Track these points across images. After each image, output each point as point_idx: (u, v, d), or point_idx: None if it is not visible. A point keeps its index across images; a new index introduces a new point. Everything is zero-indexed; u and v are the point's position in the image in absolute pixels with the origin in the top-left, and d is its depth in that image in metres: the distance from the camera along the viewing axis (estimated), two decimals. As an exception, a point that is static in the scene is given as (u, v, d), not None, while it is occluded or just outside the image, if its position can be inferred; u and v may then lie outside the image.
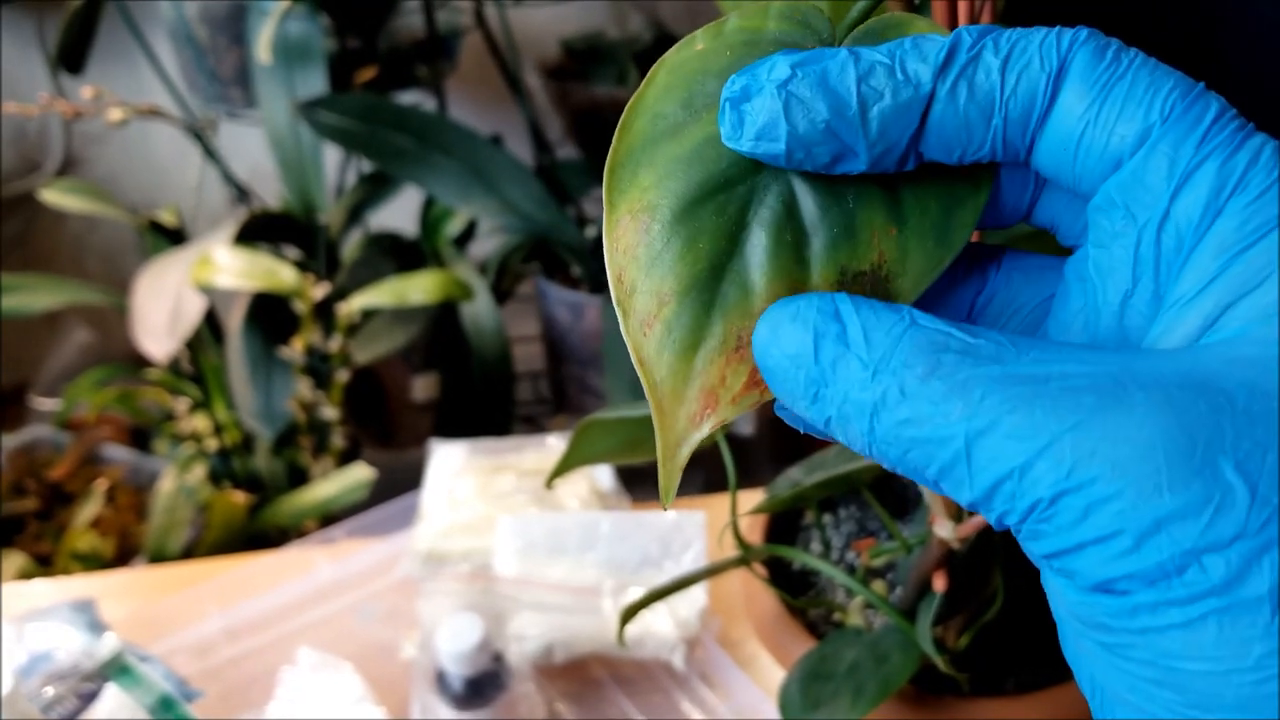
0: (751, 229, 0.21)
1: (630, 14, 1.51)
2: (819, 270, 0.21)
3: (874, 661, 0.42)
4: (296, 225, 1.15)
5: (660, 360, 0.21)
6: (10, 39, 1.46)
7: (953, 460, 0.18)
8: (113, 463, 1.21)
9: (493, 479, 0.74)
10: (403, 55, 1.29)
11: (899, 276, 0.21)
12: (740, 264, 0.21)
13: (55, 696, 0.59)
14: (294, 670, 0.62)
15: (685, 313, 0.21)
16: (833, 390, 0.19)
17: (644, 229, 0.21)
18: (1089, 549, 0.17)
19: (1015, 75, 0.20)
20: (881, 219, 0.21)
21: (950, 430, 0.18)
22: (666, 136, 0.22)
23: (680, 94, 0.22)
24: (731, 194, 0.21)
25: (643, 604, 0.46)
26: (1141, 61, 0.19)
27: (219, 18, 1.18)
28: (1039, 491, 0.17)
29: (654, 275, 0.21)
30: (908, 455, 0.19)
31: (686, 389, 0.21)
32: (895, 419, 0.19)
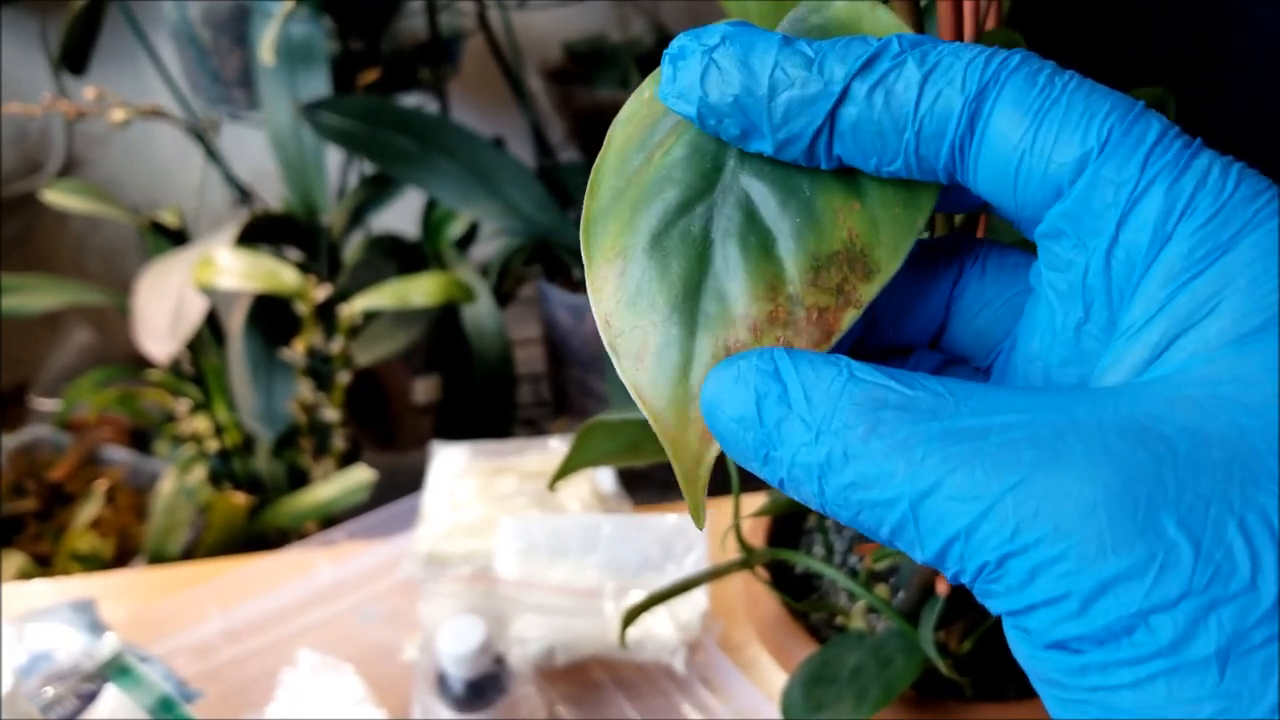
0: (717, 243, 0.22)
1: (632, 17, 1.52)
2: (792, 263, 0.21)
3: (877, 665, 0.42)
4: (298, 227, 1.16)
5: (657, 390, 0.21)
6: (13, 39, 1.46)
7: (901, 522, 0.18)
8: (113, 464, 1.20)
9: (494, 481, 0.74)
10: (405, 57, 1.29)
11: (875, 247, 0.21)
12: (714, 279, 0.22)
13: (55, 697, 0.59)
14: (294, 672, 0.61)
15: (670, 338, 0.21)
16: (781, 452, 0.19)
17: (620, 271, 0.22)
18: (1039, 610, 0.17)
19: (934, 92, 0.19)
20: (841, 197, 0.21)
21: (895, 492, 0.18)
22: (628, 185, 0.23)
23: (636, 145, 0.23)
24: (691, 215, 0.22)
25: (645, 606, 0.46)
26: (1077, 84, 0.19)
27: (222, 19, 1.18)
28: (985, 554, 0.17)
29: (636, 311, 0.22)
30: (859, 517, 0.19)
31: (689, 410, 0.21)
32: (841, 482, 0.18)
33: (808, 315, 0.21)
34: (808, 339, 0.21)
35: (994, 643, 0.46)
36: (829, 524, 0.56)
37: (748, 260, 0.21)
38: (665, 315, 0.21)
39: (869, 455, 0.18)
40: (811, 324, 0.21)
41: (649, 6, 1.53)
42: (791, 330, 0.21)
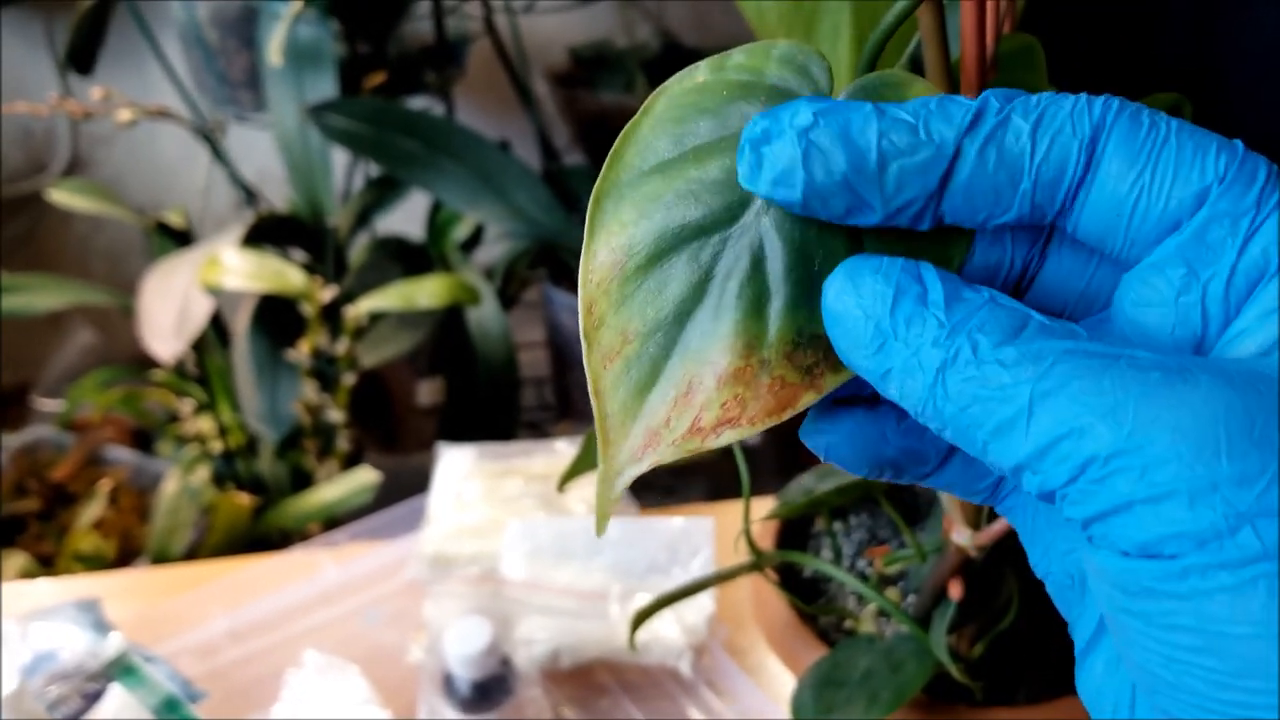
0: (718, 280, 0.22)
1: (638, 22, 1.52)
2: (775, 329, 0.21)
3: (888, 669, 0.42)
4: (304, 228, 1.16)
5: (615, 395, 0.21)
6: (19, 39, 1.46)
7: (1013, 417, 0.19)
8: (116, 464, 1.20)
9: (500, 483, 0.74)
10: (412, 60, 1.29)
11: None
12: (703, 313, 0.22)
13: (60, 696, 0.58)
14: (299, 672, 0.61)
15: (646, 354, 0.21)
16: (900, 344, 0.20)
17: (619, 265, 0.22)
18: (1138, 508, 0.17)
19: (1047, 140, 0.20)
20: None
21: (1016, 390, 0.19)
22: (653, 172, 0.22)
23: (673, 129, 0.22)
24: (705, 243, 0.22)
25: (654, 609, 0.45)
26: (1179, 125, 0.20)
27: (229, 20, 1.18)
28: (1096, 449, 0.18)
29: (622, 313, 0.22)
30: (965, 411, 0.19)
31: (633, 425, 0.21)
32: (962, 376, 0.19)
33: (770, 384, 0.21)
34: (761, 407, 0.21)
35: (1005, 647, 0.46)
36: (837, 528, 0.56)
37: (739, 310, 0.21)
38: (649, 330, 0.21)
39: (998, 357, 0.19)
40: (770, 393, 0.21)
41: (654, 11, 1.53)
42: (750, 392, 0.21)
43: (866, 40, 0.40)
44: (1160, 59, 0.68)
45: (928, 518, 0.53)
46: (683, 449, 0.21)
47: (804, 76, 0.23)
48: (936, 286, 0.20)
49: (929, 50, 0.32)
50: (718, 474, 1.54)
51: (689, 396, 0.21)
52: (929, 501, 0.57)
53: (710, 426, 0.21)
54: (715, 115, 0.22)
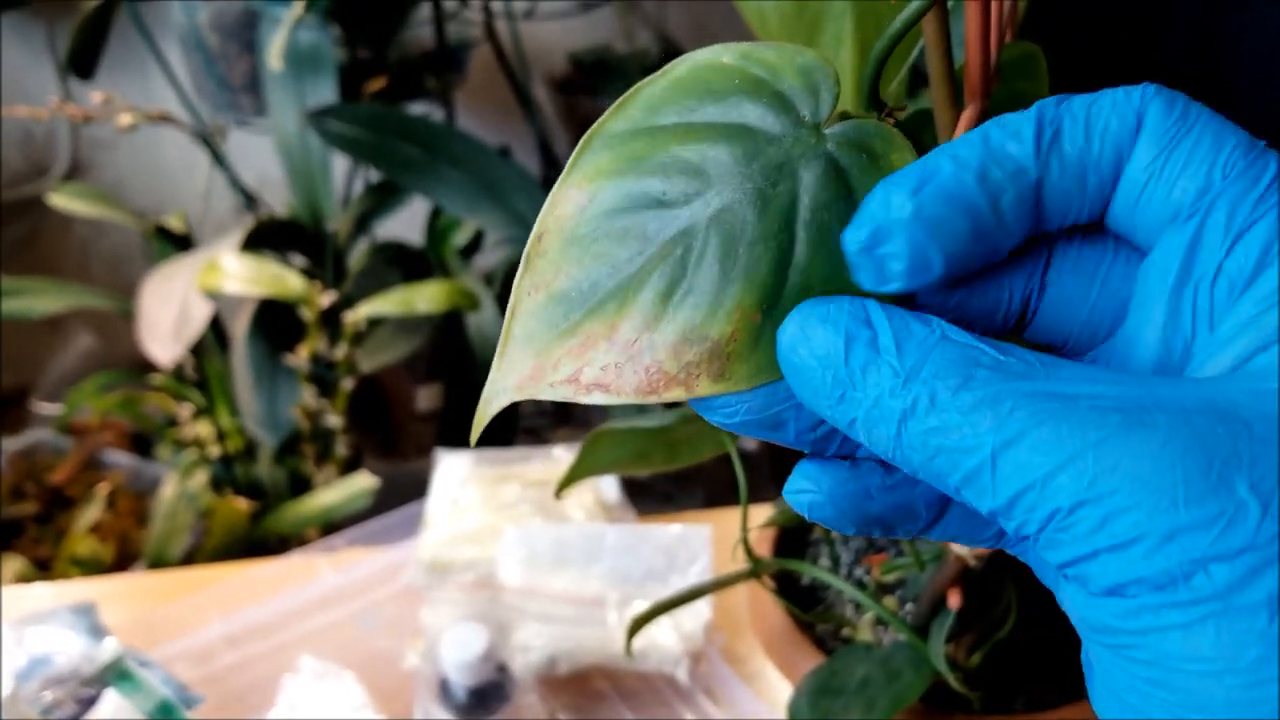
0: (653, 255, 0.22)
1: (639, 29, 1.52)
2: (672, 318, 0.22)
3: (885, 677, 0.42)
4: (304, 233, 1.16)
5: (526, 322, 0.22)
6: (20, 43, 1.46)
7: (977, 469, 0.19)
8: (114, 468, 1.20)
9: (498, 489, 0.74)
10: (412, 66, 1.29)
11: (740, 360, 0.22)
12: (623, 279, 0.22)
13: (54, 701, 0.58)
14: (295, 678, 0.61)
15: (567, 297, 0.22)
16: (860, 394, 0.20)
17: (581, 208, 0.22)
18: (1103, 555, 0.18)
19: (1099, 137, 0.20)
20: (752, 301, 0.22)
21: (977, 440, 0.19)
22: (645, 133, 0.23)
23: (680, 99, 0.23)
24: (657, 216, 0.22)
25: (651, 615, 0.45)
26: (1209, 117, 0.20)
27: (230, 25, 1.18)
28: (1059, 501, 0.18)
29: (566, 253, 0.22)
30: (932, 461, 0.19)
31: (529, 357, 0.22)
32: (923, 427, 0.19)
33: (649, 366, 0.22)
34: (632, 384, 0.21)
35: (1002, 656, 0.46)
36: (835, 536, 0.56)
37: (649, 289, 0.22)
38: (579, 276, 0.22)
39: (956, 405, 0.19)
40: (645, 374, 0.22)
41: (655, 18, 1.53)
42: (630, 367, 0.22)
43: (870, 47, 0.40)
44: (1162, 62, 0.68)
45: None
46: (556, 393, 0.22)
47: (811, 94, 0.23)
48: (885, 328, 0.20)
49: (933, 59, 0.32)
50: (715, 481, 1.54)
51: (583, 349, 0.22)
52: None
53: (585, 383, 0.22)
54: (720, 100, 0.23)
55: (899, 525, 0.23)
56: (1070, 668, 0.47)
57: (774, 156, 0.22)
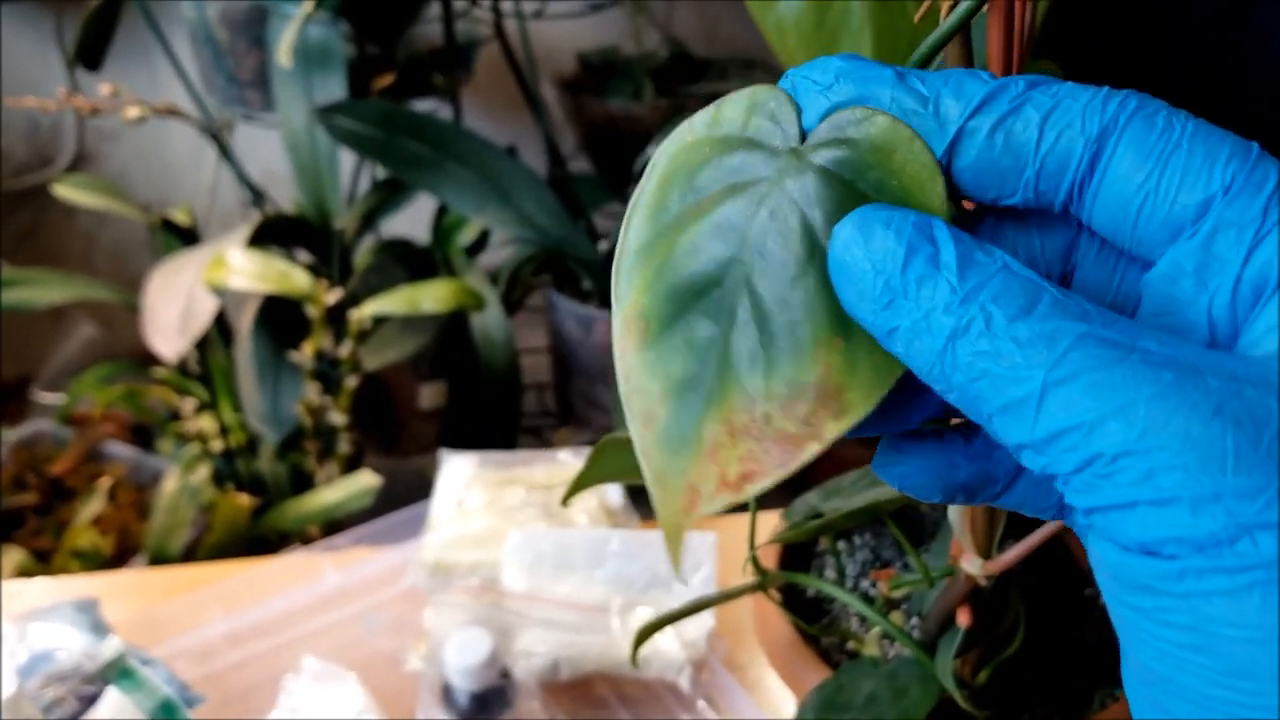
0: (727, 340, 0.22)
1: (646, 30, 1.52)
2: (768, 384, 0.22)
3: (892, 694, 0.42)
4: (310, 229, 1.15)
5: (657, 456, 0.22)
6: (27, 33, 1.46)
7: (1022, 400, 0.19)
8: (115, 460, 1.20)
9: (502, 492, 0.74)
10: (420, 63, 1.29)
11: (849, 389, 0.21)
12: (711, 372, 0.22)
13: (56, 698, 0.58)
14: (297, 678, 0.61)
15: (675, 416, 0.22)
16: (910, 304, 0.20)
17: (642, 331, 0.23)
18: (1142, 508, 0.18)
19: (1054, 134, 0.21)
20: (827, 332, 0.22)
21: (1029, 371, 0.19)
22: (662, 235, 0.23)
23: (669, 190, 0.23)
24: (705, 301, 0.22)
25: (657, 626, 0.45)
26: (1194, 127, 0.20)
27: (239, 20, 1.18)
28: (1104, 446, 0.18)
29: (652, 376, 0.22)
30: (973, 384, 0.19)
31: (677, 482, 0.22)
32: (973, 349, 0.19)
33: (775, 437, 0.21)
34: (772, 460, 0.21)
35: (1010, 673, 0.46)
36: (841, 548, 0.56)
37: (737, 366, 0.22)
38: (674, 392, 0.22)
39: (1011, 334, 0.19)
40: (777, 446, 0.21)
41: (663, 20, 1.53)
42: (760, 447, 0.21)
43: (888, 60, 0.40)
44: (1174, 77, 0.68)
45: (933, 539, 0.52)
46: (718, 502, 0.21)
47: (774, 123, 0.23)
48: (949, 247, 0.20)
49: (952, 77, 0.32)
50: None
51: (714, 454, 0.22)
52: (934, 522, 0.56)
53: (735, 481, 0.21)
54: (701, 174, 0.23)
55: (980, 491, 0.24)
56: (1077, 687, 0.47)
57: (771, 194, 0.22)
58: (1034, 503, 0.24)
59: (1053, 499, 0.24)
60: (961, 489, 0.23)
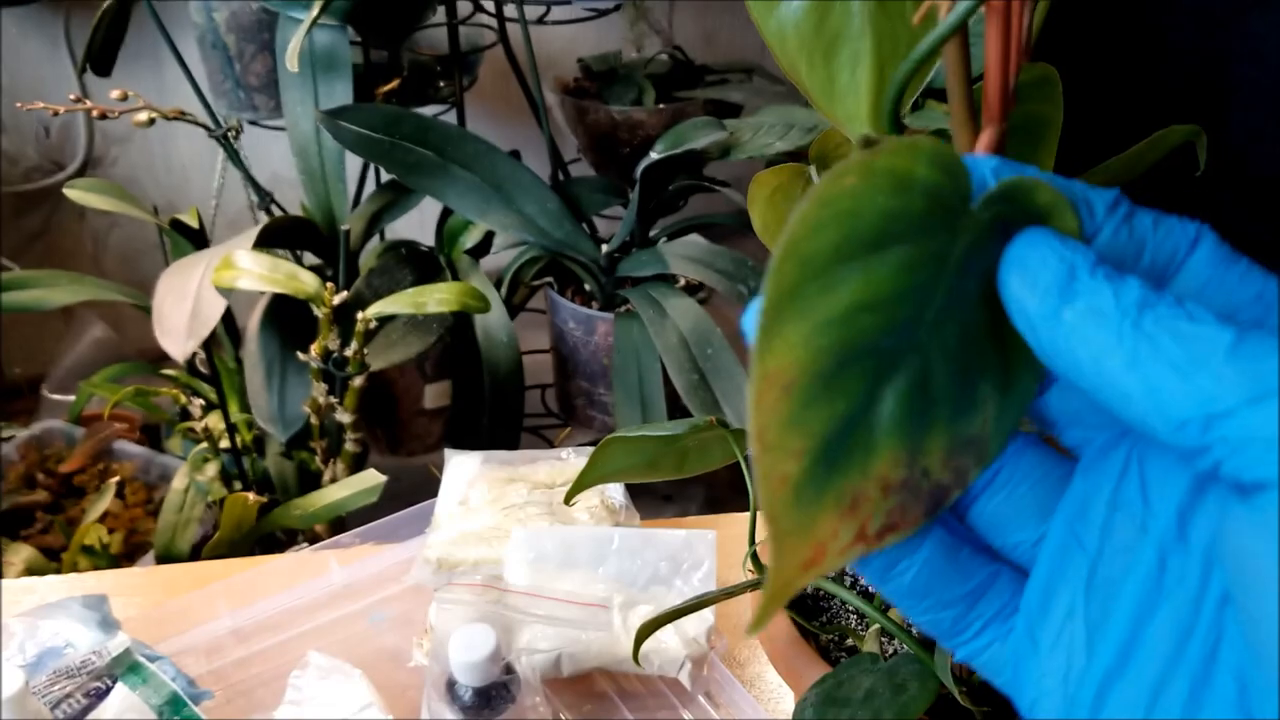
0: (885, 397, 0.22)
1: (647, 36, 1.53)
2: (939, 438, 0.22)
3: (891, 690, 0.42)
4: (317, 232, 1.16)
5: (788, 515, 0.21)
6: (37, 37, 1.47)
7: (1207, 355, 0.20)
8: (124, 459, 1.21)
9: (505, 490, 0.74)
10: (425, 69, 1.30)
11: (993, 437, 0.23)
12: (866, 428, 0.22)
13: (63, 694, 0.59)
14: (303, 674, 0.62)
15: (815, 472, 0.21)
16: (1096, 282, 0.21)
17: (788, 389, 0.21)
18: None
19: (1165, 230, 0.23)
20: (993, 387, 0.23)
21: (1219, 331, 0.20)
22: (818, 289, 0.22)
23: (832, 235, 0.22)
24: (870, 362, 0.22)
25: (659, 623, 0.46)
26: (1241, 255, 0.23)
27: (247, 25, 1.19)
28: None
29: (792, 435, 0.21)
30: (1151, 343, 0.20)
31: (806, 540, 0.22)
32: (1161, 314, 0.20)
33: (930, 489, 0.22)
34: (921, 510, 0.22)
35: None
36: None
37: (902, 423, 0.22)
38: (817, 447, 0.21)
39: (1199, 315, 0.20)
40: (930, 496, 0.22)
41: (664, 27, 1.54)
42: (912, 499, 0.22)
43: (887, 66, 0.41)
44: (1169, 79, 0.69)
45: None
46: (847, 556, 0.22)
47: (953, 179, 0.23)
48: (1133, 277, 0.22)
49: (953, 82, 0.33)
50: (716, 482, 1.54)
51: (854, 509, 0.22)
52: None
53: (875, 534, 0.22)
54: (872, 220, 0.22)
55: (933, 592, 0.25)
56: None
57: (956, 253, 0.22)
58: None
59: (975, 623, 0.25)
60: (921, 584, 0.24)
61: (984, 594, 0.25)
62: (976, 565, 0.25)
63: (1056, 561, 0.24)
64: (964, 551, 0.25)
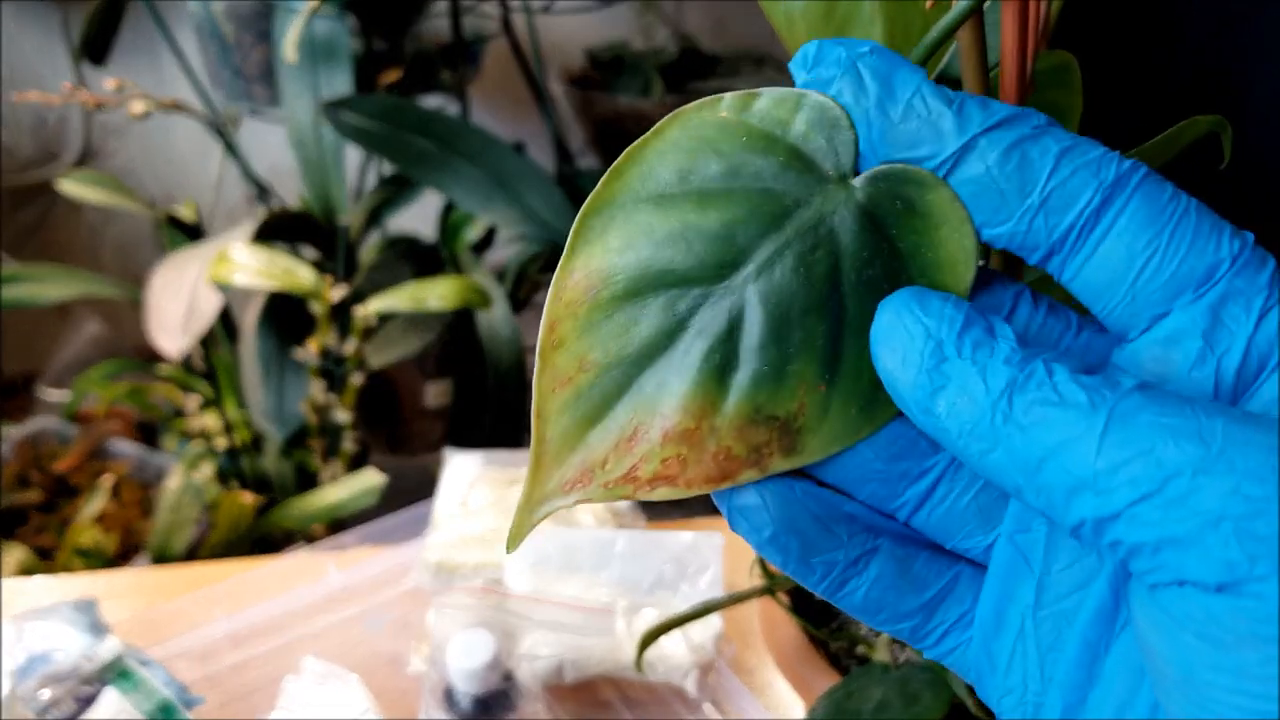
0: (689, 334, 0.21)
1: (656, 26, 1.51)
2: (734, 400, 0.21)
3: (903, 701, 0.41)
4: (316, 225, 1.15)
5: (557, 421, 0.21)
6: (34, 28, 1.46)
7: (1082, 435, 0.18)
8: (119, 457, 1.20)
9: (506, 492, 0.73)
10: (428, 59, 1.28)
11: (810, 433, 0.21)
12: (666, 363, 0.21)
13: (52, 699, 0.58)
14: (298, 680, 0.60)
15: (599, 387, 0.21)
16: (963, 362, 0.20)
17: (593, 290, 0.21)
18: (1226, 524, 0.18)
19: (1070, 168, 0.20)
20: (814, 372, 0.21)
21: (1094, 414, 0.19)
22: (650, 202, 0.21)
23: (682, 161, 0.22)
24: (686, 293, 0.21)
25: (663, 629, 0.44)
26: (1197, 204, 0.21)
27: (246, 15, 1.17)
28: (1175, 465, 0.18)
29: (584, 340, 0.21)
30: (1027, 431, 0.19)
31: (570, 457, 0.21)
32: (1033, 396, 0.19)
33: (715, 452, 0.21)
34: (701, 473, 0.21)
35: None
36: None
37: (703, 371, 0.21)
38: (607, 364, 0.21)
39: (1079, 381, 0.19)
40: (713, 461, 0.21)
41: (672, 15, 1.52)
42: (694, 455, 0.21)
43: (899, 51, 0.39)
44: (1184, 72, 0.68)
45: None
46: (613, 493, 0.21)
47: (829, 145, 0.21)
48: (1006, 328, 0.20)
49: (967, 67, 0.31)
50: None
51: (631, 443, 0.21)
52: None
53: (645, 479, 0.21)
54: (728, 160, 0.21)
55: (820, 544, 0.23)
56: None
57: (805, 219, 0.21)
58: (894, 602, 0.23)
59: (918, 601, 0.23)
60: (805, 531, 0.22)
61: (942, 601, 0.23)
62: (933, 574, 0.23)
63: (1004, 578, 0.22)
64: (919, 560, 0.23)
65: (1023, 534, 0.22)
